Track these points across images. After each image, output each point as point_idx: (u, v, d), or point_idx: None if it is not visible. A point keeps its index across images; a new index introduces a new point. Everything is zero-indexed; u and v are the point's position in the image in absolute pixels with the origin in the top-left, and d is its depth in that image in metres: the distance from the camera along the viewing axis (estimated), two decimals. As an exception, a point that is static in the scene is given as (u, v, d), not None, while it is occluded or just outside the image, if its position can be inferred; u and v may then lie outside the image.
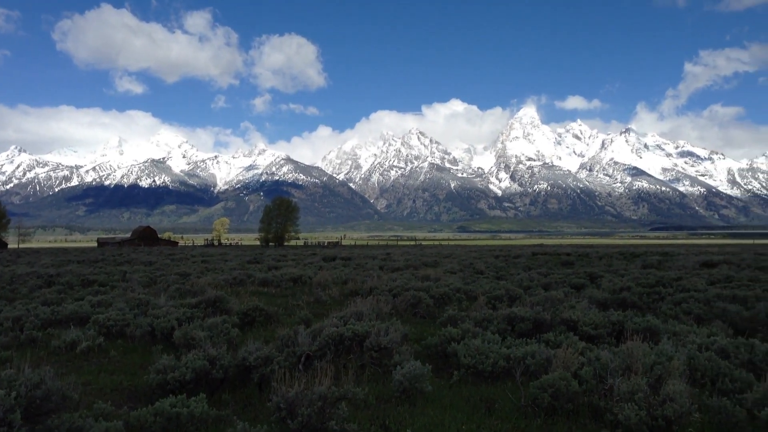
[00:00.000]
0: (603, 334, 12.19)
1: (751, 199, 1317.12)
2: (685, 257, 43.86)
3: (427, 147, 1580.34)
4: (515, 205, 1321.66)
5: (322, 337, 10.46)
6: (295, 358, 9.97)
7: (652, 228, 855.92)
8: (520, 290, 19.50)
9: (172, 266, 38.51)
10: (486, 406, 8.44)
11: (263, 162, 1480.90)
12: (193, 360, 9.19)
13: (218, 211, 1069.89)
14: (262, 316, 15.32)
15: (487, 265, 37.53)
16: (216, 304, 16.28)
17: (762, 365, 9.16)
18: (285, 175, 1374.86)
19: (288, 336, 10.81)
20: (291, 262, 42.72)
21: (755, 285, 21.06)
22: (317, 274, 28.33)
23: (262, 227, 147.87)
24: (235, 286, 25.31)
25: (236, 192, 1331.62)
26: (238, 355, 9.78)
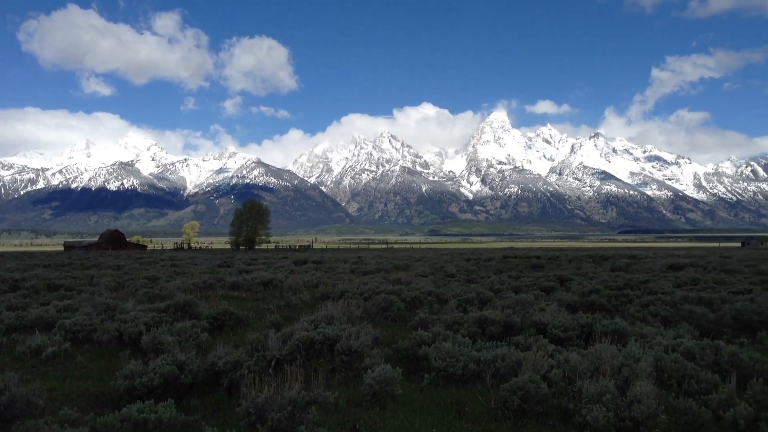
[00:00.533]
0: (572, 337, 12.30)
1: (716, 203, 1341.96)
2: (653, 260, 44.50)
3: (399, 150, 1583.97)
4: (486, 208, 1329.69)
5: (293, 341, 10.40)
6: (265, 362, 9.90)
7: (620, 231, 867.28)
8: (491, 293, 19.58)
9: (141, 270, 38.02)
10: (456, 409, 8.46)
11: (234, 165, 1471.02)
12: (161, 365, 9.07)
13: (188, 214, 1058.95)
14: (232, 321, 15.18)
15: (458, 268, 37.67)
16: (185, 308, 16.09)
17: (727, 367, 9.30)
18: (256, 178, 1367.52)
19: (258, 340, 10.73)
20: (262, 266, 42.43)
21: (721, 287, 21.43)
22: (288, 277, 28.17)
23: (232, 231, 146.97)
24: (204, 290, 25.05)
25: (206, 195, 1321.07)
26: (207, 359, 9.66)
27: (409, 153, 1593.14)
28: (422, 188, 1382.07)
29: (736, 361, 9.34)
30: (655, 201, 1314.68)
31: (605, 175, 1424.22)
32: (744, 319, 14.22)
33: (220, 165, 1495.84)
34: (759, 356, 9.46)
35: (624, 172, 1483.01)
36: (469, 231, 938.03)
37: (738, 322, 14.25)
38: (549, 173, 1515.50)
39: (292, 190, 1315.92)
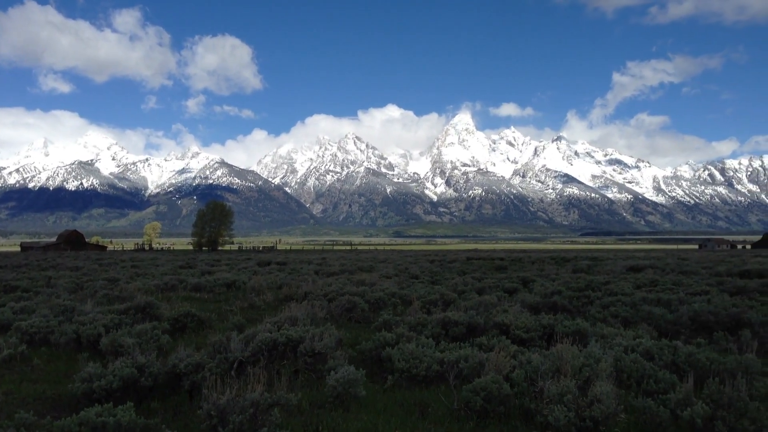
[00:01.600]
0: (534, 338, 12.41)
1: (675, 206, 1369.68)
2: (613, 262, 45.18)
3: (364, 152, 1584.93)
4: (450, 210, 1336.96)
5: (256, 343, 10.30)
6: (227, 364, 9.79)
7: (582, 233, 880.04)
8: (455, 295, 19.67)
9: (100, 271, 37.38)
10: (419, 410, 8.47)
11: (197, 165, 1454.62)
12: (120, 368, 8.92)
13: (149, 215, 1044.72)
14: (194, 322, 15.00)
15: (422, 269, 37.80)
16: (146, 309, 15.86)
17: (684, 366, 9.47)
18: (219, 178, 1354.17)
19: (220, 342, 10.61)
20: (225, 267, 42.06)
21: (679, 289, 21.85)
22: (251, 278, 27.97)
23: (195, 231, 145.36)
24: (166, 291, 24.73)
25: (168, 196, 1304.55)
26: (168, 362, 9.53)
27: (374, 154, 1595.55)
28: (387, 190, 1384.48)
29: (694, 361, 9.52)
30: (616, 204, 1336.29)
31: (567, 177, 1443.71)
32: (701, 320, 14.50)
33: (182, 165, 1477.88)
34: (715, 356, 9.65)
35: (586, 175, 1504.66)
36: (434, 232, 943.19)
37: (695, 323, 14.53)
38: (513, 175, 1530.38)
39: (256, 191, 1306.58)
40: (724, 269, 34.02)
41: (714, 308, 14.89)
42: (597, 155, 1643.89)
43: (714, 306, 15.19)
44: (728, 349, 11.71)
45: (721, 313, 14.52)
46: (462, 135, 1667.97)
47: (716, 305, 15.32)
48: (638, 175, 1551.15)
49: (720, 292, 21.03)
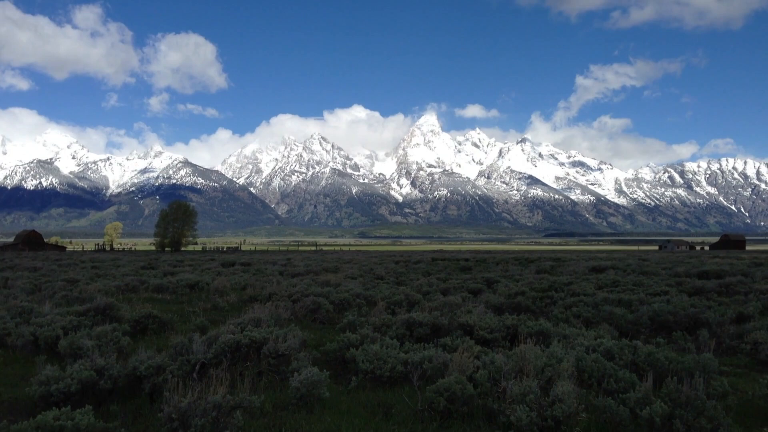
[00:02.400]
0: (498, 338, 12.50)
1: (636, 208, 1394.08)
2: (576, 263, 45.77)
3: (329, 152, 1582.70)
4: (416, 211, 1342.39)
5: (218, 345, 10.19)
6: (189, 366, 9.66)
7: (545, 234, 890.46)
8: (420, 295, 19.73)
9: (59, 272, 36.65)
10: (383, 411, 8.46)
11: (159, 165, 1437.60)
12: (79, 370, 8.75)
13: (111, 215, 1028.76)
14: (155, 324, 14.78)
15: (387, 270, 37.84)
16: (106, 311, 15.59)
17: (644, 366, 9.62)
18: (183, 178, 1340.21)
19: (182, 344, 10.46)
20: (188, 268, 41.59)
21: (639, 289, 22.21)
22: (215, 279, 27.70)
23: (157, 232, 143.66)
24: (127, 292, 24.35)
25: (130, 195, 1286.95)
26: (128, 364, 9.38)
27: (340, 155, 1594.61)
28: (352, 190, 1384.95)
29: (653, 360, 9.67)
30: (579, 205, 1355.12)
31: (532, 179, 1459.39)
32: (660, 320, 14.75)
33: (145, 164, 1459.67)
34: (674, 356, 9.82)
35: (550, 177, 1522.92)
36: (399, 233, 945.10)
37: (655, 323, 14.77)
38: (478, 177, 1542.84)
39: (221, 191, 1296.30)
40: (683, 270, 34.68)
41: (673, 308, 15.16)
42: (560, 157, 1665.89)
43: (673, 306, 15.46)
44: (687, 348, 11.93)
45: (680, 313, 14.79)
46: (428, 136, 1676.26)
47: (675, 305, 15.59)
48: (601, 177, 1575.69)
49: (679, 292, 21.43)
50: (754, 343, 12.33)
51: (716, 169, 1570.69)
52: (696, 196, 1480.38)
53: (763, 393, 8.40)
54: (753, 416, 8.32)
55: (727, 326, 13.89)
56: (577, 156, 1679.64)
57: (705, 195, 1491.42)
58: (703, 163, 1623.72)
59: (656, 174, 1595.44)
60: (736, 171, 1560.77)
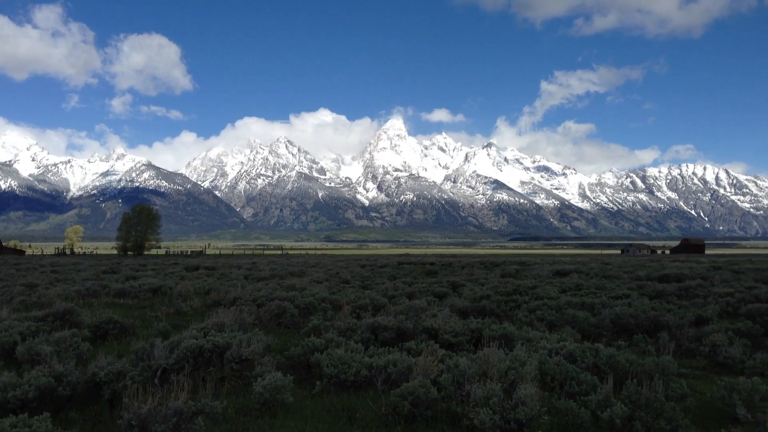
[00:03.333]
0: (462, 342, 12.56)
1: (599, 212, 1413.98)
2: (540, 266, 46.22)
3: (296, 156, 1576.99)
4: (382, 215, 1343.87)
5: (181, 350, 10.06)
6: (150, 372, 9.52)
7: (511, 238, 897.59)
8: (385, 299, 19.73)
9: (18, 277, 35.90)
10: (347, 415, 8.44)
11: (122, 167, 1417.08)
12: (36, 377, 8.56)
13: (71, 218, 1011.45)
14: (116, 329, 14.53)
15: (353, 274, 37.78)
16: (65, 316, 15.28)
17: (605, 368, 9.74)
18: (146, 181, 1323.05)
19: (143, 349, 10.31)
20: (151, 272, 41.04)
21: (601, 292, 22.52)
22: (178, 284, 27.36)
23: (120, 235, 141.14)
24: (88, 297, 23.93)
25: (92, 198, 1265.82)
26: (87, 370, 9.20)
27: (306, 159, 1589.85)
28: (318, 194, 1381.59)
29: (614, 362, 9.81)
30: (544, 209, 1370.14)
31: (497, 183, 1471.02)
32: (622, 323, 14.97)
33: (107, 167, 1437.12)
34: (634, 358, 9.97)
35: (515, 181, 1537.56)
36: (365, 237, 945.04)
37: (616, 326, 14.99)
38: (444, 181, 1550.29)
39: (185, 195, 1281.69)
40: (644, 273, 35.27)
41: (634, 311, 15.40)
42: (526, 162, 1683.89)
43: (634, 309, 15.71)
44: (647, 351, 12.13)
45: (641, 316, 15.03)
46: (394, 140, 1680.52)
47: (636, 308, 15.84)
48: (565, 182, 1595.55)
49: (640, 295, 21.78)
50: (712, 345, 12.59)
51: (677, 175, 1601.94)
52: (657, 200, 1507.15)
53: (720, 395, 8.56)
54: (711, 418, 8.48)
55: (687, 329, 14.15)
56: (542, 161, 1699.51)
57: (666, 200, 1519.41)
58: (664, 169, 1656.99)
59: (619, 179, 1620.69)
60: (696, 176, 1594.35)
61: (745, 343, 12.73)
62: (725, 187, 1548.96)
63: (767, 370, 10.48)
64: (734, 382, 8.48)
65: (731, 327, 14.23)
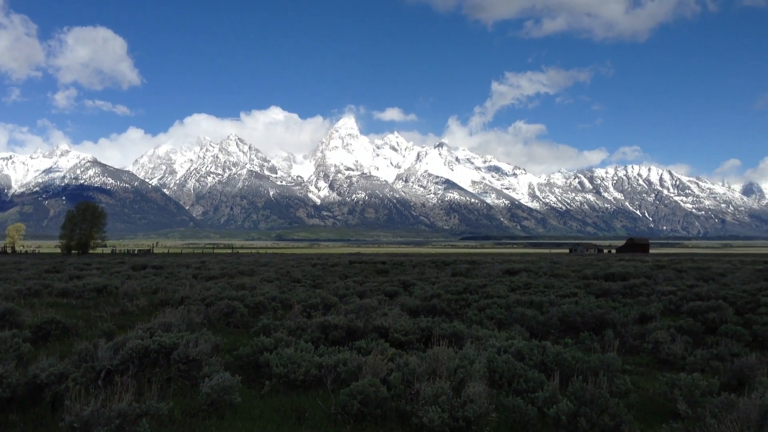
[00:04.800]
0: (413, 340, 12.62)
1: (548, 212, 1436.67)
2: (491, 265, 46.78)
3: (246, 154, 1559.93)
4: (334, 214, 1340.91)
5: (126, 351, 9.84)
6: (93, 373, 9.29)
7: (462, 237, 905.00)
8: (336, 298, 19.72)
9: (-44, 276, 34.69)
10: (296, 415, 8.38)
11: (66, 164, 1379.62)
12: (-27, 380, 8.28)
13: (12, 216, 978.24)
14: (59, 330, 14.16)
15: (304, 273, 37.61)
16: (5, 317, 14.84)
17: (552, 366, 9.91)
18: (91, 178, 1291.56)
19: (87, 350, 10.06)
20: (96, 271, 40.15)
21: (550, 291, 22.90)
22: (125, 283, 26.82)
23: (63, 234, 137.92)
24: (29, 297, 23.27)
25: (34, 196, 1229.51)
26: (28, 372, 8.93)
27: (257, 157, 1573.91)
28: (270, 193, 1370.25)
29: (560, 360, 9.98)
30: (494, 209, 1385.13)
31: (449, 183, 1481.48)
32: (569, 321, 15.25)
33: (50, 163, 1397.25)
34: (581, 355, 10.15)
35: (466, 181, 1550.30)
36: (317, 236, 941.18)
37: (564, 324, 15.27)
38: (395, 180, 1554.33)
39: (132, 192, 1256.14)
40: (591, 272, 36.00)
41: (581, 309, 15.70)
42: (477, 161, 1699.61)
43: (581, 307, 16.02)
44: (593, 348, 12.37)
45: (588, 314, 15.34)
46: (346, 139, 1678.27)
47: (583, 307, 16.16)
48: (515, 182, 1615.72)
49: (587, 294, 22.24)
50: (655, 342, 12.93)
51: (623, 176, 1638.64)
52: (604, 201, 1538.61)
53: (662, 390, 8.79)
54: (653, 413, 8.69)
55: (631, 326, 14.48)
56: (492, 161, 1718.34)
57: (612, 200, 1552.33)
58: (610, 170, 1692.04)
59: (567, 179, 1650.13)
60: (641, 177, 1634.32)
61: (686, 340, 13.10)
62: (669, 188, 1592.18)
63: (708, 366, 10.78)
64: (676, 378, 8.71)
65: (673, 324, 14.64)
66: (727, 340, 12.71)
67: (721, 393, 7.88)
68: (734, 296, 20.11)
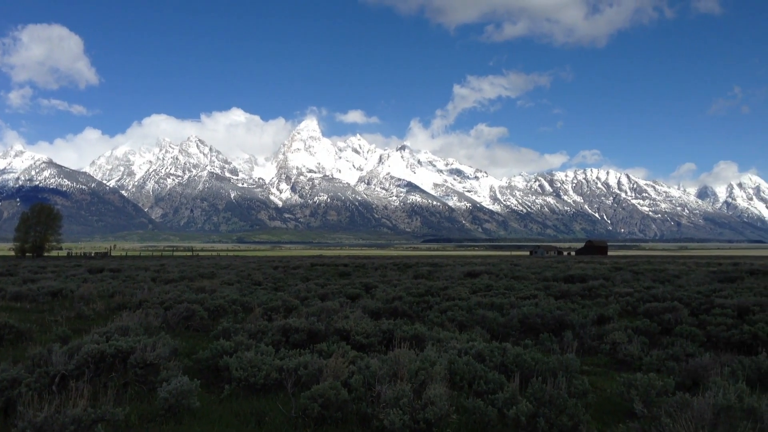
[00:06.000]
0: (374, 343, 12.60)
1: (509, 214, 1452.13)
2: (452, 268, 47.03)
3: (207, 156, 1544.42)
4: (296, 216, 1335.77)
5: (81, 355, 9.63)
6: (48, 378, 9.07)
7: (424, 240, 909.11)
8: (297, 301, 19.62)
9: None
10: (256, 419, 8.30)
11: (20, 165, 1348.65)
12: None
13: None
14: (11, 334, 13.79)
15: (265, 276, 37.34)
16: (-45, 321, 14.40)
17: (512, 367, 9.98)
18: (47, 180, 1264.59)
19: (41, 355, 9.82)
20: (51, 275, 39.24)
21: (510, 293, 23.10)
22: (81, 287, 26.26)
23: (18, 236, 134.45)
24: (-19, 301, 22.64)
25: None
26: (-22, 378, 8.69)
27: (218, 159, 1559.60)
28: (231, 195, 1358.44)
29: (520, 361, 10.06)
30: (456, 211, 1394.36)
31: (411, 186, 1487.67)
32: (529, 322, 15.40)
33: (3, 164, 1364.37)
34: (540, 356, 10.26)
35: (428, 184, 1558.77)
36: (278, 238, 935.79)
37: (524, 325, 15.41)
38: (358, 182, 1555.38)
39: (89, 194, 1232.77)
40: (550, 274, 36.44)
41: (541, 311, 15.87)
42: (439, 164, 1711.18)
43: (541, 309, 16.19)
44: (552, 349, 12.50)
45: (547, 315, 15.50)
46: (308, 141, 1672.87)
47: (543, 308, 16.33)
48: (477, 185, 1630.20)
49: (547, 296, 22.48)
50: (612, 343, 13.14)
51: (582, 179, 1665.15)
52: (564, 204, 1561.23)
53: (619, 390, 8.91)
54: (610, 413, 8.81)
55: (589, 328, 14.69)
56: (454, 164, 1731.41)
57: (572, 203, 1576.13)
58: (570, 173, 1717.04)
59: (528, 182, 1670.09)
60: (600, 180, 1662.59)
61: (643, 340, 13.31)
62: (627, 192, 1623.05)
63: (663, 366, 10.98)
64: (632, 378, 8.85)
65: (630, 325, 14.88)
66: (682, 341, 12.96)
67: (676, 393, 8.02)
68: (689, 298, 20.53)
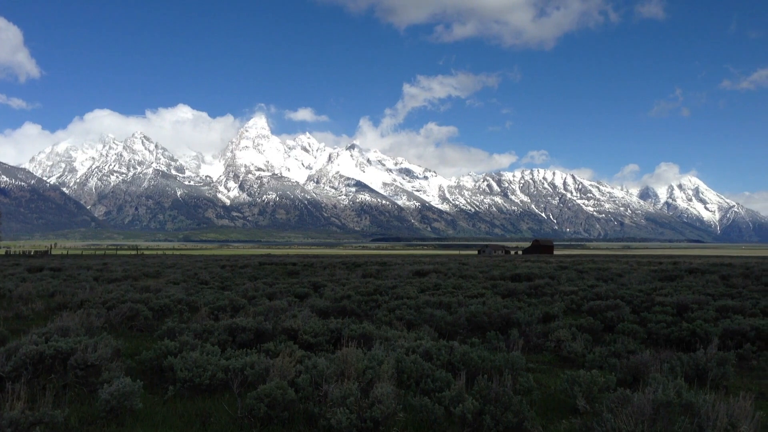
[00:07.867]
0: (322, 342, 12.57)
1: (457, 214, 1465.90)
2: (401, 267, 47.20)
3: (152, 152, 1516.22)
4: (244, 214, 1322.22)
5: (19, 357, 9.34)
6: (-17, 381, 8.77)
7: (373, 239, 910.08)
8: (245, 300, 19.44)
9: None
10: (201, 420, 8.19)
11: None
12: None
13: None
14: (-55, 336, 13.30)
15: (212, 275, 36.87)
16: None
17: (459, 365, 10.06)
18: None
19: (-24, 357, 9.49)
20: (-12, 274, 37.99)
21: (458, 292, 23.33)
22: (19, 286, 25.48)
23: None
24: None
25: None
26: None
27: (164, 156, 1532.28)
28: (177, 193, 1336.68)
29: (467, 359, 10.15)
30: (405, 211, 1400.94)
31: (360, 185, 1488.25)
32: (476, 321, 15.57)
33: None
34: (487, 354, 10.36)
35: (377, 183, 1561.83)
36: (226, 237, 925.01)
37: (472, 324, 15.57)
38: (307, 181, 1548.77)
39: (28, 191, 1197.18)
40: (498, 273, 36.92)
41: (488, 309, 16.06)
42: (388, 163, 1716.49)
43: (488, 307, 16.38)
44: (498, 347, 12.65)
45: (494, 314, 15.69)
46: (257, 139, 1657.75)
47: (490, 307, 16.53)
48: (426, 184, 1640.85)
49: (494, 294, 22.78)
50: (557, 340, 13.39)
51: (529, 179, 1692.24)
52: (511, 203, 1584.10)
53: (563, 387, 9.08)
54: (554, 409, 8.97)
55: (535, 325, 14.93)
56: (404, 163, 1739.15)
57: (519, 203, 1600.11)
58: (518, 173, 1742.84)
59: (477, 182, 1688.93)
60: (546, 181, 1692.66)
61: (586, 338, 13.60)
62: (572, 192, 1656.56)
63: (606, 363, 11.21)
64: (575, 375, 9.03)
65: (575, 323, 15.20)
66: (624, 338, 13.29)
67: (617, 389, 8.21)
68: (631, 296, 21.08)
